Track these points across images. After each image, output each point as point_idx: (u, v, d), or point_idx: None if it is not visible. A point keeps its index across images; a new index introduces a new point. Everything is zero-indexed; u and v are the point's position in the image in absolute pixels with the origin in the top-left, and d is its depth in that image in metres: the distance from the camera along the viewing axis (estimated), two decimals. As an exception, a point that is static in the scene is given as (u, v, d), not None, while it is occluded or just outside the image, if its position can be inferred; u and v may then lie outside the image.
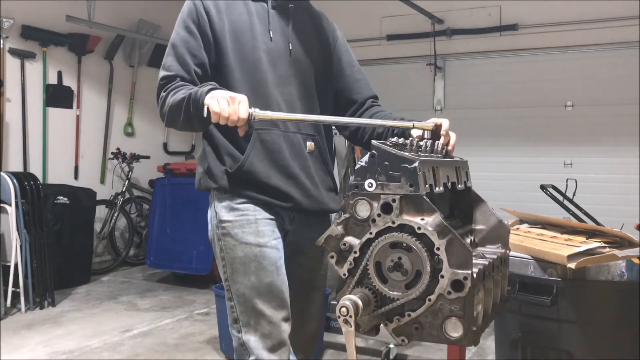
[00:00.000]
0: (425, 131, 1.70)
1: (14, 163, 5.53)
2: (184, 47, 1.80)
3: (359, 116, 2.02)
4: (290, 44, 1.88)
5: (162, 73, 1.81)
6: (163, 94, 1.78)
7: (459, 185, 1.63)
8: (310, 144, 1.89)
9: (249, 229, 1.79)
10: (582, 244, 2.25)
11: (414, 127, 1.71)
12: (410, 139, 1.58)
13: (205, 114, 1.61)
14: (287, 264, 1.86)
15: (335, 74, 2.02)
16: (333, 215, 2.13)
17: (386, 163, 1.39)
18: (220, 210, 1.84)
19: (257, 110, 1.61)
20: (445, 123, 1.73)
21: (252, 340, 1.77)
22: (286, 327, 1.80)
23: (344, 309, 1.31)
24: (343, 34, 2.10)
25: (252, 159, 1.79)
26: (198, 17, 1.82)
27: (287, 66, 1.87)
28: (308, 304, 1.99)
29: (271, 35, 1.85)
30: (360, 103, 2.04)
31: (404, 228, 1.34)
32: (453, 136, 1.74)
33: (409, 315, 1.34)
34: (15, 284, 4.50)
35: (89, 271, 5.67)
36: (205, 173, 1.87)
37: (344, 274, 1.40)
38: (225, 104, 1.58)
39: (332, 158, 2.05)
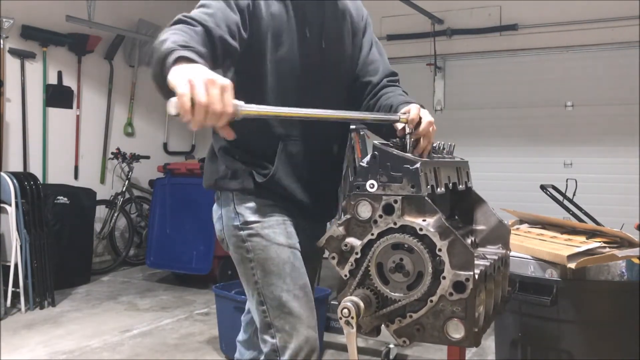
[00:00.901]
0: (406, 126, 1.58)
1: (14, 163, 5.52)
2: (223, 15, 1.51)
3: (373, 96, 1.87)
4: (323, 41, 1.75)
5: (182, 15, 1.48)
6: (166, 29, 1.41)
7: (460, 186, 1.63)
8: (335, 147, 1.81)
9: (279, 230, 1.71)
10: (582, 244, 2.26)
11: (400, 120, 1.61)
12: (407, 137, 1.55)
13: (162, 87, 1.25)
14: None
15: (358, 58, 1.90)
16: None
17: (388, 164, 1.39)
18: (245, 212, 1.72)
19: (241, 103, 1.21)
20: (425, 118, 1.59)
21: (290, 347, 1.66)
22: (317, 332, 1.71)
23: (345, 310, 1.31)
24: (368, 12, 1.97)
25: (279, 173, 1.70)
26: (249, 2, 1.60)
27: (320, 66, 1.75)
28: None
29: (308, 34, 1.71)
30: (374, 84, 1.90)
31: (405, 229, 1.34)
32: (428, 138, 1.60)
33: (411, 316, 1.34)
34: (15, 284, 4.50)
35: (89, 271, 5.66)
36: (223, 174, 1.74)
37: (346, 275, 1.40)
38: (202, 88, 1.15)
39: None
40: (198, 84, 1.14)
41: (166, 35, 1.36)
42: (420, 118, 1.61)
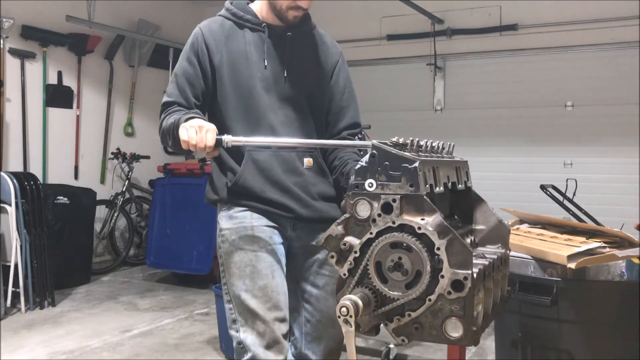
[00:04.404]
0: None
1: (14, 163, 5.53)
2: (184, 77, 1.98)
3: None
4: (285, 71, 2.00)
5: (164, 99, 2.01)
6: (162, 116, 1.97)
7: (459, 185, 1.63)
8: (307, 160, 2.01)
9: (245, 235, 1.94)
10: (582, 244, 2.25)
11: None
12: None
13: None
14: (301, 267, 2.03)
15: (328, 97, 2.12)
16: None
17: (386, 163, 1.38)
18: (221, 219, 2.00)
19: (229, 136, 1.77)
20: None
21: (249, 338, 1.91)
22: (280, 327, 1.92)
23: (344, 309, 1.31)
24: (344, 57, 2.18)
25: (245, 175, 1.94)
26: (198, 50, 1.99)
27: (282, 91, 2.00)
28: None
29: (265, 64, 1.99)
30: (333, 133, 2.11)
31: (404, 228, 1.34)
32: None
33: (409, 315, 1.34)
34: (15, 284, 4.50)
35: (89, 271, 5.67)
36: (210, 187, 2.05)
37: (344, 274, 1.40)
38: (194, 132, 1.75)
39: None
40: (190, 131, 1.76)
41: (165, 121, 1.92)
42: None
